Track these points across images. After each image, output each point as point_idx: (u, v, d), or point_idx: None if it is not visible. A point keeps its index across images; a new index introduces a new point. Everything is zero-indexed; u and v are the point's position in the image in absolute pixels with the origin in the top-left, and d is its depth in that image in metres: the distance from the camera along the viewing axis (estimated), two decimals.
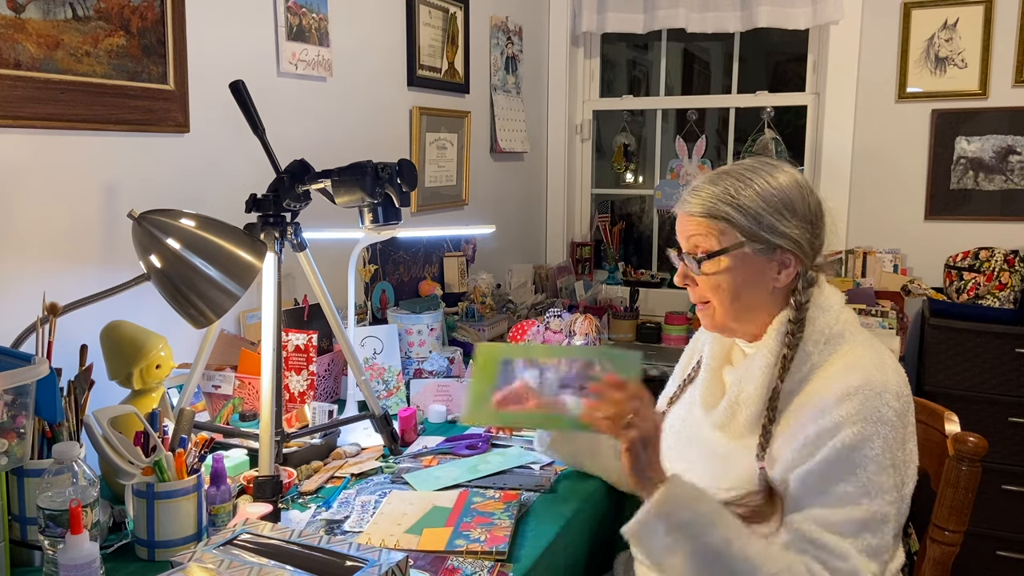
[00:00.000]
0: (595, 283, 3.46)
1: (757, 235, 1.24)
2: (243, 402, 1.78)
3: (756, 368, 1.25)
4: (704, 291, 1.30)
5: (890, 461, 1.15)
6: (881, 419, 1.15)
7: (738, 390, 1.27)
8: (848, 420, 1.15)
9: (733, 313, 1.29)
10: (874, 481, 1.13)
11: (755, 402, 1.24)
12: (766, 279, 1.27)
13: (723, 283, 1.27)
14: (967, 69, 2.94)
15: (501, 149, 3.18)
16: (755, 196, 1.25)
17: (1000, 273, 2.71)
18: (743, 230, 1.24)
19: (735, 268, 1.26)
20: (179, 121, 1.77)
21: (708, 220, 1.26)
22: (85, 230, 1.62)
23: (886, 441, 1.15)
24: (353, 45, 2.34)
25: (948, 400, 2.35)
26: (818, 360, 1.23)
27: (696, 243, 1.28)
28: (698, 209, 1.27)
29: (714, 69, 4.30)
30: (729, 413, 1.28)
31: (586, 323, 2.11)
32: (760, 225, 1.24)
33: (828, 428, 1.15)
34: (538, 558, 1.28)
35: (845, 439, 1.14)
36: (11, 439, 1.15)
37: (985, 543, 2.65)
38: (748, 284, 1.27)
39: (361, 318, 2.19)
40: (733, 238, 1.25)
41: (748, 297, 1.27)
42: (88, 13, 1.56)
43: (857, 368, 1.19)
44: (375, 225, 1.58)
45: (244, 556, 1.06)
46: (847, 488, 1.14)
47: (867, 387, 1.16)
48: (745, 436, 1.26)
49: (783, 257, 1.26)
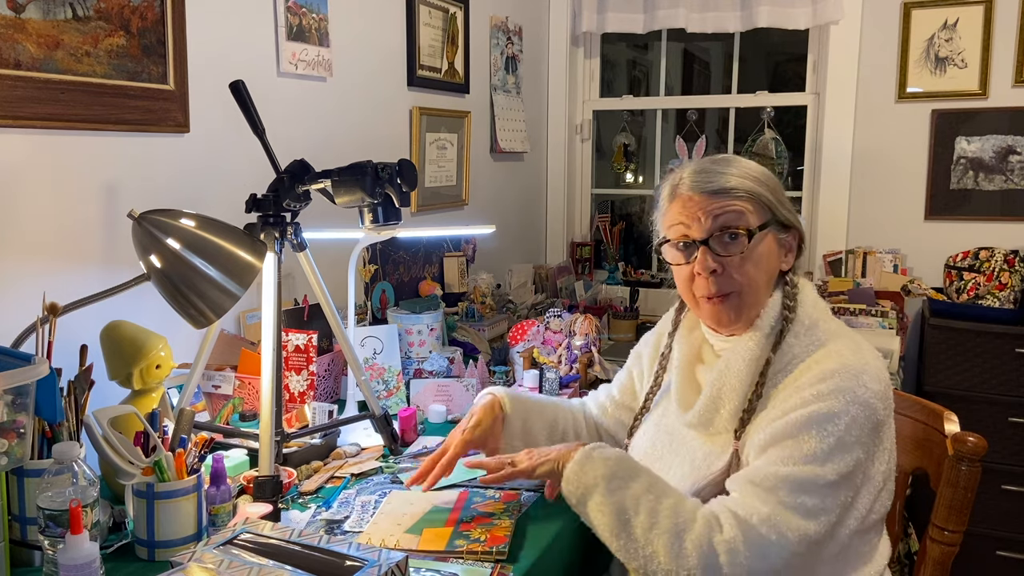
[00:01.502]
0: (595, 283, 3.46)
1: (779, 213, 1.24)
2: (243, 402, 1.78)
3: (741, 358, 1.23)
4: (737, 275, 1.23)
5: (855, 439, 1.14)
6: (855, 399, 1.14)
7: (720, 383, 1.25)
8: (820, 396, 1.15)
9: (756, 298, 1.24)
10: (827, 452, 1.12)
11: (739, 394, 1.22)
12: (778, 261, 1.26)
13: (762, 263, 1.23)
14: (967, 69, 2.94)
15: (501, 149, 3.18)
16: (765, 176, 1.25)
17: (1000, 273, 2.72)
18: (772, 206, 1.23)
19: (767, 247, 1.24)
20: (179, 121, 1.77)
21: (739, 198, 1.22)
22: (85, 230, 1.62)
23: (855, 420, 1.14)
24: (353, 45, 2.34)
25: (948, 400, 2.35)
26: (799, 351, 1.22)
27: (728, 222, 1.22)
28: (732, 184, 1.22)
29: (714, 69, 4.29)
30: (711, 408, 1.25)
31: (586, 323, 2.11)
32: (780, 203, 1.24)
33: (799, 402, 1.16)
34: (538, 558, 1.28)
35: (812, 410, 1.14)
36: (11, 439, 1.15)
37: (985, 543, 2.65)
38: (772, 265, 1.25)
39: (361, 318, 2.19)
40: (764, 215, 1.23)
41: (768, 280, 1.26)
42: (88, 13, 1.56)
43: (834, 355, 1.19)
44: (375, 225, 1.58)
45: (244, 556, 1.06)
46: (792, 451, 1.13)
47: (844, 370, 1.16)
48: (726, 431, 1.25)
49: (790, 238, 1.26)
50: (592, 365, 2.02)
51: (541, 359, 2.04)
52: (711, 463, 1.24)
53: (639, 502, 1.16)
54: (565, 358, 2.05)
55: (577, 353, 2.05)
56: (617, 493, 1.18)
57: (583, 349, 2.06)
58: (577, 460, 1.23)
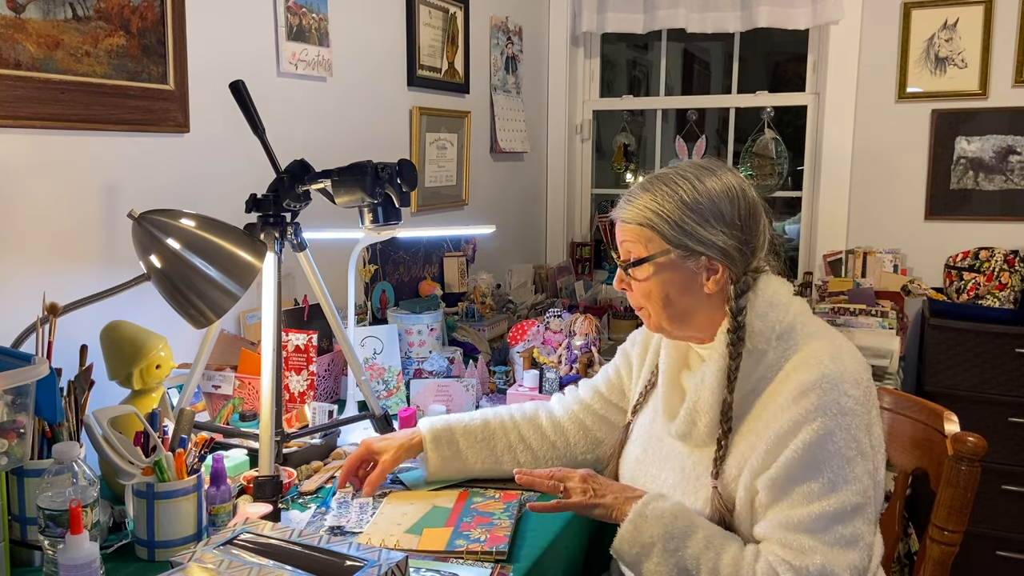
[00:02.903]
0: (595, 283, 3.46)
1: (681, 242, 1.24)
2: (243, 402, 1.78)
3: (710, 375, 1.24)
4: (637, 296, 1.31)
5: (856, 451, 1.14)
6: (841, 410, 1.14)
7: (696, 397, 1.25)
8: (807, 417, 1.14)
9: (667, 318, 1.29)
10: (840, 474, 1.13)
11: (711, 409, 1.23)
12: (696, 285, 1.26)
13: (653, 289, 1.28)
14: (967, 69, 2.94)
15: (501, 149, 3.18)
16: (680, 203, 1.24)
17: (1000, 273, 2.72)
18: (667, 238, 1.24)
19: (664, 275, 1.26)
20: (179, 121, 1.77)
21: (636, 227, 1.27)
22: (85, 230, 1.62)
23: (849, 432, 1.14)
24: (353, 45, 2.34)
25: (948, 400, 2.35)
26: (774, 358, 1.21)
27: (628, 249, 1.29)
28: (627, 216, 1.29)
29: (714, 69, 4.30)
30: (689, 421, 1.26)
31: (586, 323, 2.10)
32: (683, 232, 1.24)
33: (787, 429, 1.15)
34: (538, 558, 1.28)
35: (805, 438, 1.13)
36: (11, 439, 1.15)
37: (985, 543, 2.65)
38: (679, 290, 1.27)
39: (361, 318, 2.19)
40: (659, 245, 1.25)
41: (681, 303, 1.27)
42: (88, 13, 1.56)
43: (811, 363, 1.18)
44: (375, 225, 1.58)
45: (244, 556, 1.06)
46: (812, 486, 1.13)
47: (823, 381, 1.15)
48: (706, 445, 1.25)
49: (710, 264, 1.25)
50: (592, 365, 2.02)
51: (541, 359, 2.04)
52: (698, 475, 1.26)
53: (699, 562, 1.16)
54: (565, 358, 2.05)
55: (577, 353, 2.05)
56: (676, 554, 1.17)
57: (583, 349, 2.05)
58: (632, 520, 1.21)
